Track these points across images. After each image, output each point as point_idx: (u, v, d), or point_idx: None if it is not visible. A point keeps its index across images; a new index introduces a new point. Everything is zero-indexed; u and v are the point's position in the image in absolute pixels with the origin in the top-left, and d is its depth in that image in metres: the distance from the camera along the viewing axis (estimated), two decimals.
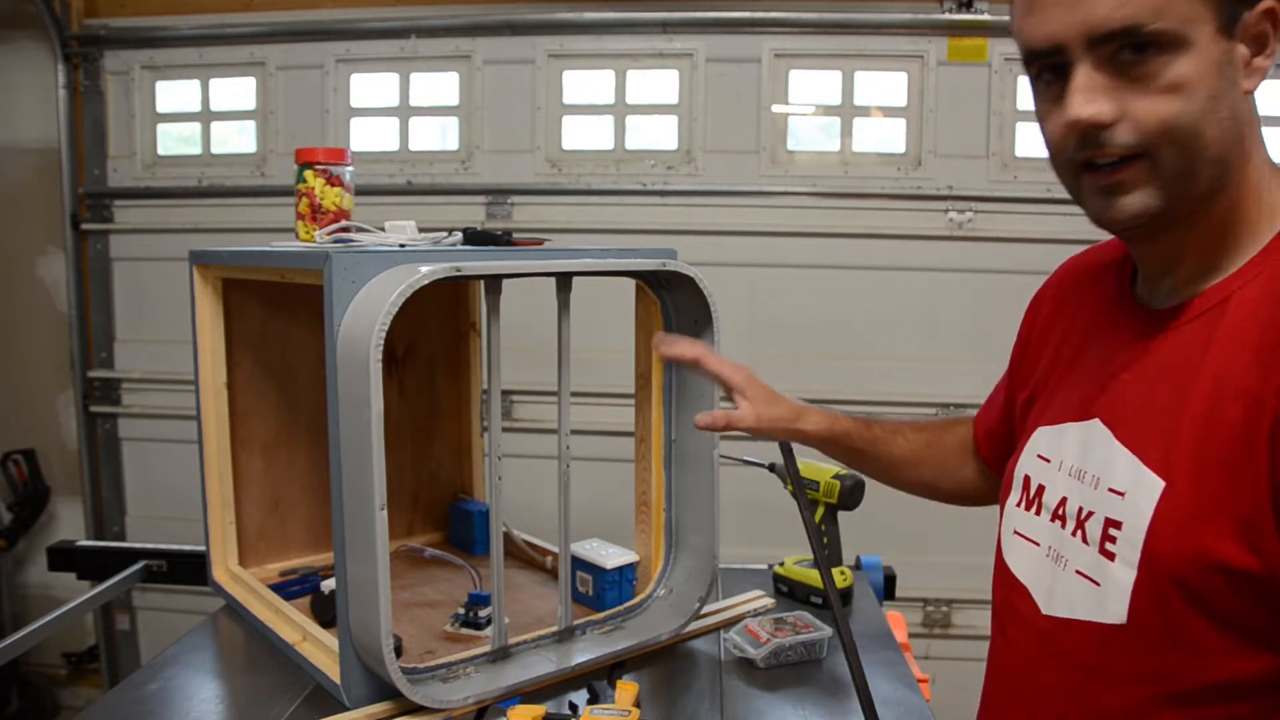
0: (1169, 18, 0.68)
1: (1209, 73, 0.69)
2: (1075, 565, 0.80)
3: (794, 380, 2.56)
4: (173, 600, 2.80)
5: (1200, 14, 0.69)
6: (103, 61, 2.76)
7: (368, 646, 1.09)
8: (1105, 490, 0.77)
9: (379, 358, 1.02)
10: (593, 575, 1.42)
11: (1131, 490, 0.74)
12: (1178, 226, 0.76)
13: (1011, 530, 0.91)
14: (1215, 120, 0.70)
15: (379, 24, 2.63)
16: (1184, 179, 0.72)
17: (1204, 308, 0.75)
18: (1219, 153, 0.71)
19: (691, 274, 1.27)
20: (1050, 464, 0.87)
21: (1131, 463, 0.75)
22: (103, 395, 2.86)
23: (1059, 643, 0.82)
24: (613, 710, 1.09)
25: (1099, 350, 0.86)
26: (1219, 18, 0.69)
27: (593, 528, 1.51)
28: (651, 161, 2.60)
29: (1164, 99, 0.69)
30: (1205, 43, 0.69)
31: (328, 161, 1.37)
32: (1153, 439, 0.74)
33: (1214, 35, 0.69)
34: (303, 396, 1.56)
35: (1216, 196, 0.74)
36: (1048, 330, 0.98)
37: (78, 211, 2.79)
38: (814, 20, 2.51)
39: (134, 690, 1.18)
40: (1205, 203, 0.74)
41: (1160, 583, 0.72)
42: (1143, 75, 0.69)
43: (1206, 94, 0.69)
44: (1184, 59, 0.69)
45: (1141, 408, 0.77)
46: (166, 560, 1.93)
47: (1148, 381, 0.77)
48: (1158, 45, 0.69)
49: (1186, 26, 0.68)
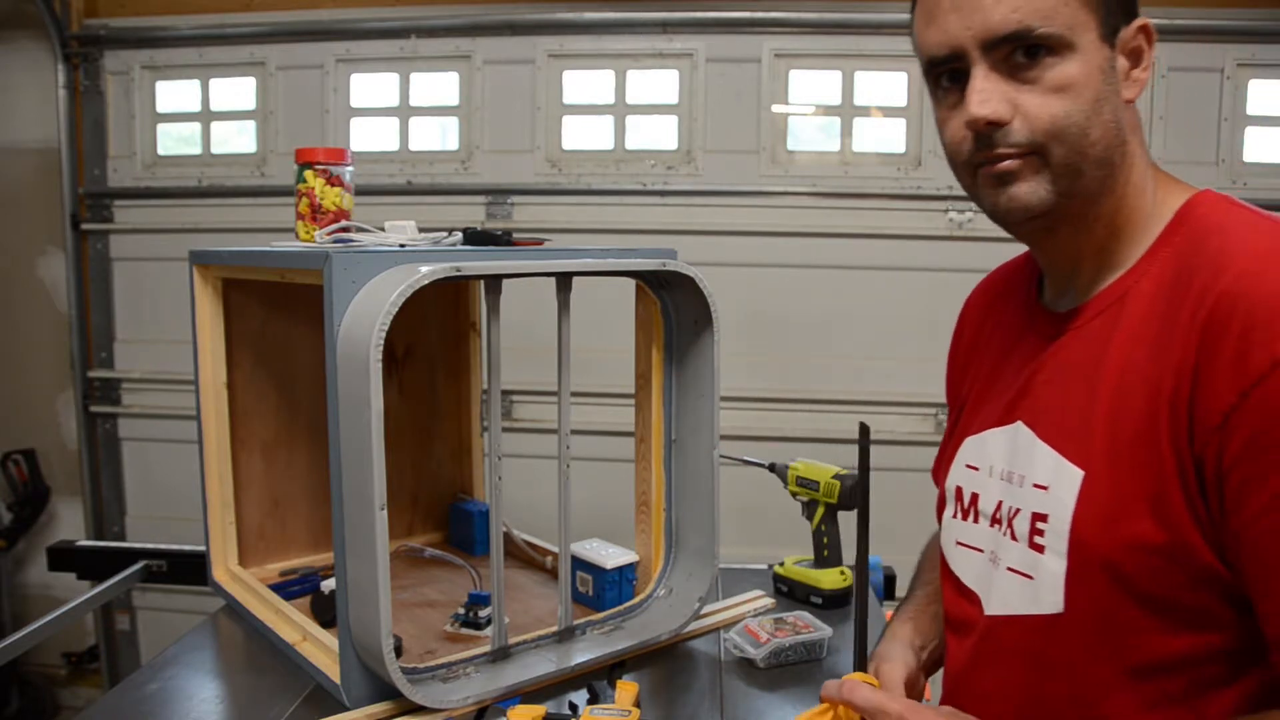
0: (1056, 22, 0.73)
1: (1093, 75, 0.75)
2: (1007, 563, 0.83)
3: (794, 380, 2.56)
4: (173, 600, 2.80)
5: (1084, 21, 0.74)
6: (103, 61, 2.76)
7: (368, 646, 1.09)
8: (1030, 486, 0.81)
9: (379, 358, 1.02)
10: (593, 575, 1.42)
11: (1054, 483, 0.78)
12: (1070, 226, 0.81)
13: (954, 542, 0.93)
14: (1100, 121, 0.75)
15: (379, 24, 2.63)
16: (1072, 175, 0.77)
17: (1103, 305, 0.80)
18: (1103, 152, 0.76)
19: (691, 274, 1.27)
20: (980, 471, 0.90)
21: (1053, 457, 0.79)
22: (103, 395, 2.86)
23: (1001, 639, 0.84)
24: (613, 710, 1.09)
25: (1015, 358, 0.90)
26: (1101, 26, 0.75)
27: (593, 528, 1.51)
28: (651, 161, 2.60)
29: (1054, 98, 0.75)
30: (1090, 48, 0.74)
31: (328, 161, 1.37)
32: (1070, 433, 0.78)
33: (1097, 42, 0.75)
34: (303, 396, 1.56)
35: (1104, 197, 0.79)
36: (970, 350, 1.04)
37: (78, 211, 2.79)
38: (814, 20, 2.51)
39: (134, 690, 1.18)
40: (1094, 202, 0.79)
41: (1089, 568, 0.75)
42: (1034, 77, 0.75)
43: (1092, 95, 0.75)
44: (1070, 61, 0.74)
45: (1058, 405, 0.81)
46: (166, 560, 1.93)
47: (1061, 380, 0.82)
48: (1047, 48, 0.74)
49: (1072, 32, 0.74)
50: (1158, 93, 2.43)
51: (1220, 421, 0.67)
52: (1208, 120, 2.45)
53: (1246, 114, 2.46)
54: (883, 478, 1.46)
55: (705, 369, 1.33)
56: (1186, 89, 2.43)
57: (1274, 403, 0.65)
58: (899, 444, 2.52)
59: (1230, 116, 2.44)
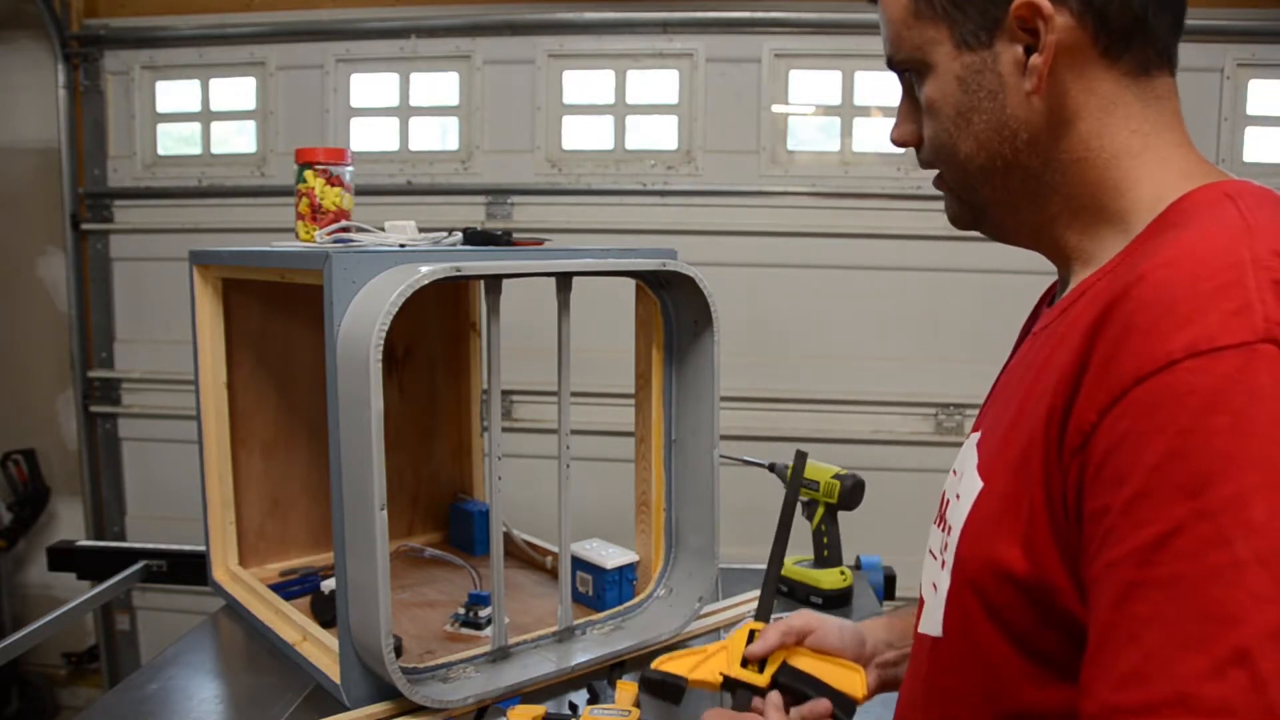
0: (904, 47, 0.71)
1: (949, 90, 0.69)
2: (930, 576, 0.76)
3: (794, 381, 2.56)
4: (173, 600, 2.80)
5: (933, 36, 0.69)
6: (103, 61, 2.76)
7: (368, 646, 1.09)
8: (954, 496, 0.72)
9: (379, 358, 1.02)
10: (593, 575, 1.42)
11: (964, 494, 0.70)
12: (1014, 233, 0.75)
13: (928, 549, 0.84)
14: (969, 134, 0.70)
15: (379, 24, 2.63)
16: (966, 190, 0.74)
17: (1065, 306, 0.69)
18: (986, 162, 0.70)
19: (691, 274, 1.27)
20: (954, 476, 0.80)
21: (971, 466, 0.70)
22: (103, 395, 2.86)
23: (914, 657, 0.78)
24: (613, 710, 1.09)
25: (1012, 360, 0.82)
26: (954, 34, 0.68)
27: (593, 528, 1.51)
28: (651, 161, 2.60)
29: (928, 120, 0.72)
30: (944, 62, 0.69)
31: (328, 161, 1.37)
32: (991, 443, 0.69)
33: (952, 52, 0.69)
34: (303, 396, 1.56)
35: (1031, 202, 0.71)
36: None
37: (78, 211, 2.79)
38: (814, 20, 2.51)
39: (134, 690, 1.18)
40: (1015, 210, 0.73)
41: (963, 591, 0.67)
42: (921, 100, 0.72)
43: (951, 111, 0.70)
44: (929, 82, 0.71)
45: (997, 412, 0.72)
46: (166, 560, 1.93)
47: (1008, 384, 0.74)
48: (914, 72, 0.72)
49: (922, 51, 0.70)
50: None
51: (1080, 443, 0.55)
52: (1208, 120, 2.45)
53: (1246, 114, 2.45)
54: (883, 478, 1.47)
55: (705, 369, 1.33)
56: (1186, 89, 2.39)
57: (1129, 426, 0.52)
58: (899, 444, 2.52)
59: (1230, 116, 2.44)
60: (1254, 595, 0.45)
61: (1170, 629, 0.47)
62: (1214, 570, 0.47)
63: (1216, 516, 0.47)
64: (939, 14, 0.68)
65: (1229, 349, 0.49)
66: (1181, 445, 0.49)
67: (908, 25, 0.70)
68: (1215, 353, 0.49)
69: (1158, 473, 0.49)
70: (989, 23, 0.66)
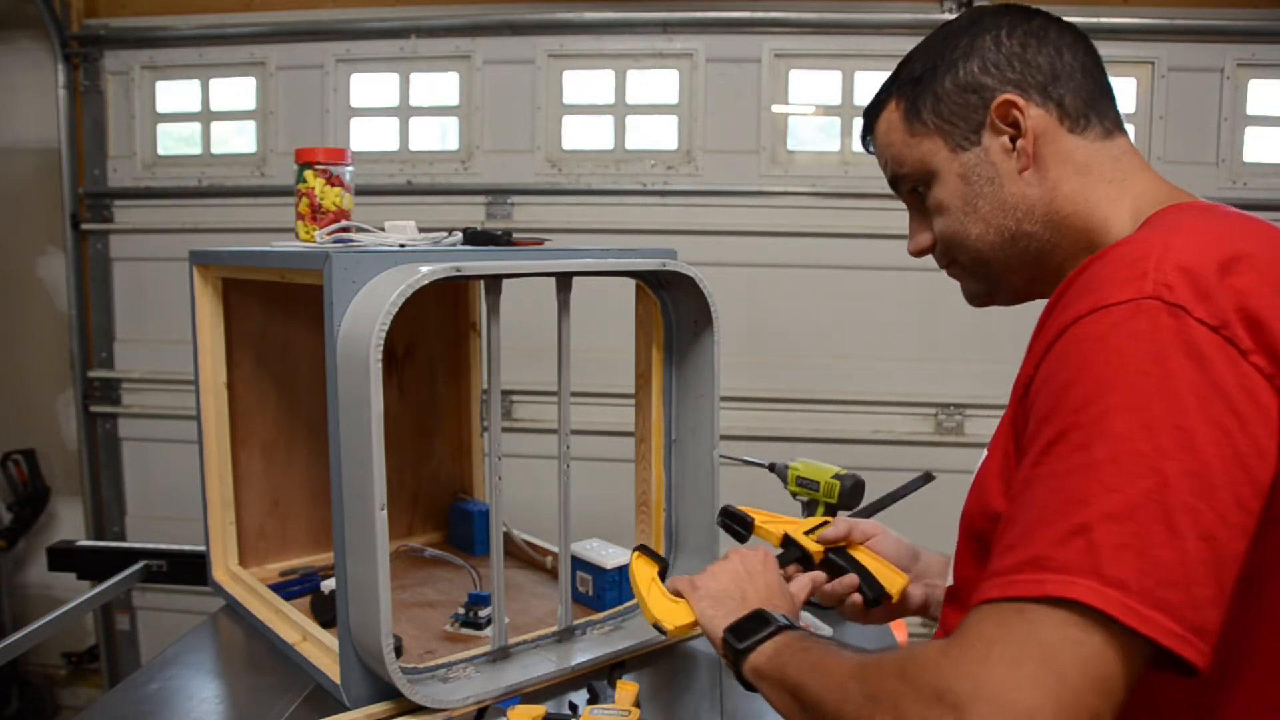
0: (909, 163, 0.86)
1: (955, 189, 0.84)
2: None
3: (794, 381, 2.56)
4: (173, 600, 2.80)
5: (930, 148, 0.84)
6: (103, 61, 2.76)
7: (368, 646, 1.09)
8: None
9: (379, 358, 1.02)
10: (593, 575, 1.42)
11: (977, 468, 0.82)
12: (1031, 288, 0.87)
13: None
14: (977, 219, 0.84)
15: (379, 24, 2.63)
16: (982, 266, 0.87)
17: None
18: (996, 238, 0.84)
19: (691, 274, 1.27)
20: None
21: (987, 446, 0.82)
22: (103, 395, 2.86)
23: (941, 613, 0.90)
24: (613, 710, 1.09)
25: None
26: (949, 141, 0.84)
27: (593, 528, 1.51)
28: (651, 161, 2.60)
29: (939, 219, 0.86)
30: (945, 166, 0.84)
31: (328, 161, 1.37)
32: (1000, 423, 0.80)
33: (950, 156, 0.84)
34: (303, 396, 1.56)
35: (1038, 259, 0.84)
36: None
37: (78, 211, 2.79)
38: (814, 20, 2.51)
39: (134, 690, 1.18)
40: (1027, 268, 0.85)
41: (967, 541, 0.79)
42: (927, 205, 0.87)
43: (960, 205, 0.84)
44: (936, 187, 0.85)
45: None
46: (166, 560, 1.93)
47: None
48: (922, 183, 0.86)
49: (925, 162, 0.85)
50: (1158, 93, 2.43)
51: (1024, 392, 0.69)
52: (1208, 120, 2.45)
53: (1246, 114, 2.45)
54: (883, 477, 1.47)
55: (705, 369, 1.33)
56: (1186, 89, 2.43)
57: (1047, 368, 0.65)
58: (899, 444, 2.52)
59: (1230, 116, 2.44)
60: (1103, 485, 0.58)
61: (1039, 511, 0.60)
62: (1077, 467, 0.59)
63: (1087, 428, 0.60)
64: (932, 129, 0.84)
65: (1120, 304, 0.62)
66: (1073, 376, 0.62)
67: (907, 145, 0.86)
68: (1108, 307, 0.62)
69: (1056, 399, 0.63)
70: (975, 125, 0.82)
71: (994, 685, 0.56)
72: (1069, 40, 0.82)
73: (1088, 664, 0.56)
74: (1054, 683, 0.55)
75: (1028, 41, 0.82)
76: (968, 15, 0.86)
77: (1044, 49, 0.81)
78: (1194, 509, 0.57)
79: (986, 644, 0.58)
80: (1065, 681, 0.55)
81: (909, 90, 0.86)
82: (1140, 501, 0.57)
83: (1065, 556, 0.57)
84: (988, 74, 0.82)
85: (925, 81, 0.84)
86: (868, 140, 0.93)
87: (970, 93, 0.82)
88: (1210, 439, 0.58)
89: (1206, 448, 0.58)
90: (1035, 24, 0.83)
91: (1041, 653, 0.56)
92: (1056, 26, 0.83)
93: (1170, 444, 0.58)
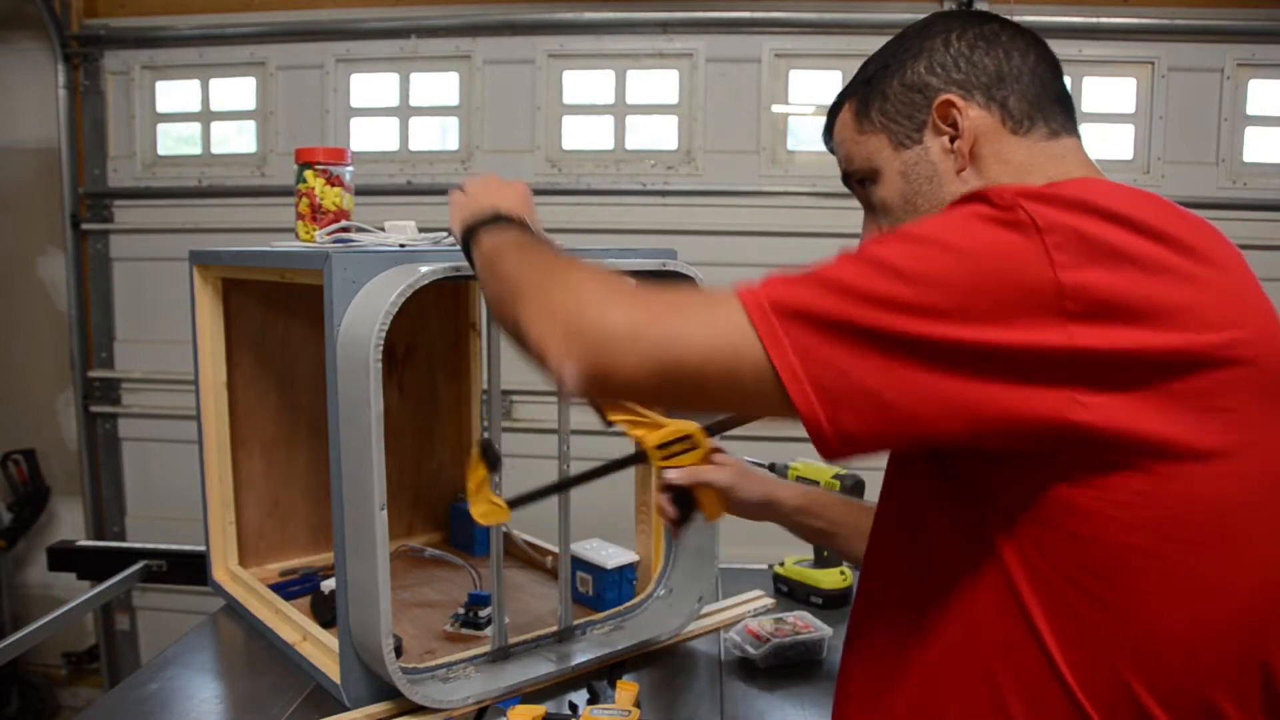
0: (857, 160, 0.88)
1: (896, 186, 0.85)
2: None
3: None
4: (173, 600, 2.80)
5: (876, 145, 0.86)
6: (103, 61, 2.76)
7: (368, 646, 1.09)
8: None
9: (379, 358, 1.02)
10: (593, 575, 1.42)
11: None
12: None
13: None
14: (918, 216, 0.84)
15: (379, 24, 2.63)
16: None
17: None
18: None
19: (691, 274, 1.27)
20: None
21: None
22: (103, 395, 2.86)
23: None
24: (613, 710, 1.09)
25: None
26: (893, 139, 0.85)
27: (593, 528, 1.51)
28: (651, 161, 2.60)
29: (883, 217, 0.87)
30: (889, 163, 0.85)
31: (328, 161, 1.37)
32: None
33: (893, 154, 0.85)
34: (303, 396, 1.56)
35: None
36: None
37: (78, 211, 2.79)
38: (814, 20, 2.51)
39: (134, 690, 1.18)
40: None
41: None
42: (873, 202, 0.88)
43: (901, 203, 0.85)
44: (879, 184, 0.86)
45: None
46: (166, 560, 1.93)
47: None
48: (869, 179, 0.87)
49: (870, 159, 0.86)
50: (1158, 93, 2.43)
51: None
52: (1208, 120, 2.45)
53: (1246, 114, 2.46)
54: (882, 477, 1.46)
55: None
56: (1186, 89, 2.43)
57: None
58: None
59: (1230, 116, 2.44)
60: (853, 266, 0.66)
61: (824, 267, 0.69)
62: (856, 254, 0.68)
63: (886, 241, 0.67)
64: (879, 127, 0.86)
65: (970, 200, 0.68)
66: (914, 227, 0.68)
67: (856, 143, 0.88)
68: (959, 203, 0.69)
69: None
70: (917, 124, 0.83)
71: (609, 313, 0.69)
72: (1020, 45, 0.83)
73: (708, 329, 0.67)
74: (654, 320, 0.68)
75: (976, 44, 0.83)
76: (925, 19, 0.88)
77: (992, 51, 0.82)
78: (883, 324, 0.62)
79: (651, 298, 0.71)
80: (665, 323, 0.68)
81: (861, 90, 0.88)
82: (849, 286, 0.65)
83: (798, 292, 0.67)
84: (933, 74, 0.83)
85: (876, 81, 0.86)
86: (828, 140, 0.94)
87: (915, 92, 0.83)
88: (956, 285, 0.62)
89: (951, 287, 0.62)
90: (987, 29, 0.84)
91: (674, 306, 0.70)
92: (1009, 31, 0.84)
93: (920, 267, 0.63)
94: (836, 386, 0.63)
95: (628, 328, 0.68)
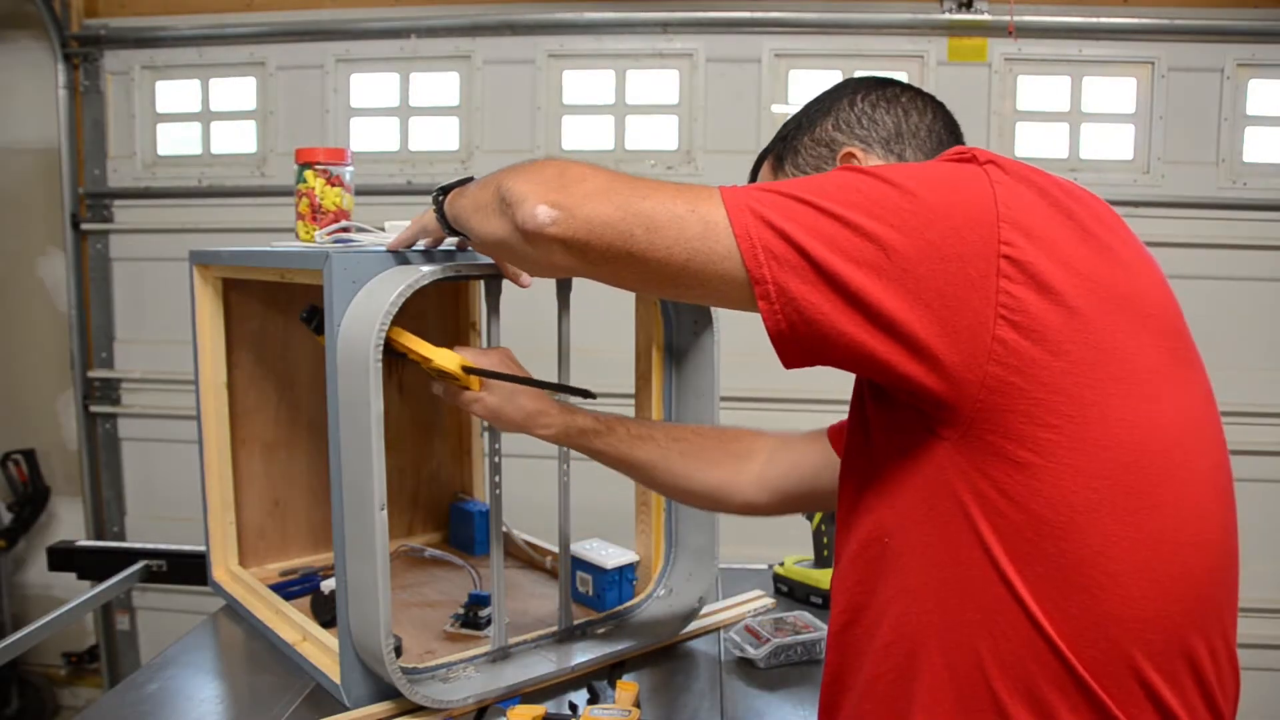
0: None
1: None
2: None
3: (793, 381, 2.55)
4: (173, 600, 2.80)
5: None
6: (103, 61, 2.76)
7: (368, 646, 1.09)
8: None
9: (379, 358, 1.02)
10: (593, 575, 1.41)
11: None
12: None
13: None
14: None
15: (379, 24, 2.63)
16: None
17: None
18: None
19: None
20: None
21: None
22: (103, 395, 2.86)
23: None
24: (613, 710, 1.09)
25: None
26: None
27: (593, 528, 1.51)
28: (651, 161, 2.60)
29: None
30: None
31: (328, 161, 1.37)
32: None
33: None
34: (303, 396, 1.56)
35: None
36: None
37: (78, 211, 2.79)
38: (814, 20, 2.51)
39: (134, 690, 1.18)
40: None
41: None
42: None
43: None
44: None
45: None
46: (166, 560, 1.92)
47: None
48: None
49: None
50: (1158, 92, 2.43)
51: None
52: (1208, 120, 2.45)
53: (1246, 114, 2.46)
54: None
55: (705, 369, 1.33)
56: (1186, 89, 2.43)
57: None
58: None
59: (1230, 116, 2.44)
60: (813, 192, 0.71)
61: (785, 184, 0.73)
62: (822, 176, 0.73)
63: (852, 172, 0.72)
64: (789, 174, 0.94)
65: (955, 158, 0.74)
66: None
67: None
68: None
69: None
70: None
71: (592, 171, 0.76)
72: (919, 106, 0.92)
73: (679, 193, 0.72)
74: (630, 183, 0.73)
75: (878, 104, 0.92)
76: (838, 84, 0.98)
77: (892, 110, 0.92)
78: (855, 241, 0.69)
79: None
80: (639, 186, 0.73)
81: (778, 146, 0.98)
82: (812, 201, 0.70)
83: (760, 201, 0.71)
84: (839, 130, 0.93)
85: (790, 138, 0.96)
86: None
87: (823, 146, 0.93)
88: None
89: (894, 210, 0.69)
90: (889, 91, 0.93)
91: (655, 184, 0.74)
92: (909, 94, 0.93)
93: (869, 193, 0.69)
94: (785, 253, 0.73)
95: (605, 180, 0.75)
